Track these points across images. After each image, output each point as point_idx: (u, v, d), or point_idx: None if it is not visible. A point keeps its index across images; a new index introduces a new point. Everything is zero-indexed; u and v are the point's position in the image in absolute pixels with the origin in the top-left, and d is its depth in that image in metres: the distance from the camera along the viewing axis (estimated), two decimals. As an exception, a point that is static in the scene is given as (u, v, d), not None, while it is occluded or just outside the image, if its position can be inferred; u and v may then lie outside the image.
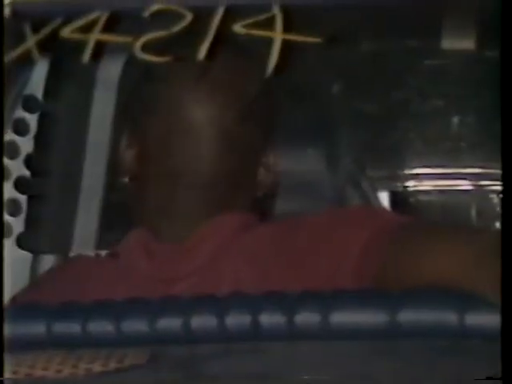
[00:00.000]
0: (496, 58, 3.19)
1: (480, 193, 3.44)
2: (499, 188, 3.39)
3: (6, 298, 2.26)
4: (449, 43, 3.25)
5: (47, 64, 2.88)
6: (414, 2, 2.22)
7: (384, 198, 3.31)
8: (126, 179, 2.49)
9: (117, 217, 2.93)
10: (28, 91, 2.94)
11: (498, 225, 3.37)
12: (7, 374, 1.85)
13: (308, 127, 3.05)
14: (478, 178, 3.43)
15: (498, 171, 3.34)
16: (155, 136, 2.43)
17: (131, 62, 2.72)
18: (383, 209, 3.05)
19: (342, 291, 2.09)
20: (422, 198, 3.45)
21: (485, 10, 2.77)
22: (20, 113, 2.95)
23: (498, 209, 3.39)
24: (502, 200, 2.11)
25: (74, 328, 1.99)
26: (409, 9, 2.35)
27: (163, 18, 1.90)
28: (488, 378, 1.66)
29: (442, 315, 1.91)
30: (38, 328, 1.99)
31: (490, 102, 3.39)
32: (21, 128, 2.97)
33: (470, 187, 3.41)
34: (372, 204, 3.04)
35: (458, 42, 3.30)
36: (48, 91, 2.99)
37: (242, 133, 2.44)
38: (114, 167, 2.84)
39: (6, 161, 2.94)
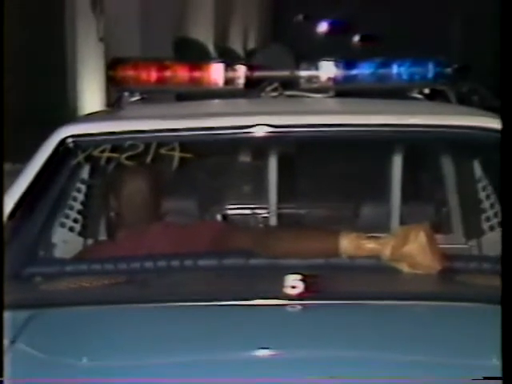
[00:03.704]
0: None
1: (252, 216, 3.65)
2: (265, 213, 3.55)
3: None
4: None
5: (89, 165, 3.05)
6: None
7: (219, 218, 3.62)
8: (114, 213, 2.92)
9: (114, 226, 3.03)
10: (81, 176, 3.15)
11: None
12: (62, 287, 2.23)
13: (189, 188, 3.54)
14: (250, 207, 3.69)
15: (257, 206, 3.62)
16: (122, 194, 2.84)
17: (118, 165, 2.62)
18: (220, 222, 3.54)
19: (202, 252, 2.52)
20: (233, 218, 3.65)
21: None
22: (78, 184, 3.20)
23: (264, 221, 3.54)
24: (502, 203, 2.03)
25: (96, 266, 2.39)
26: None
27: (133, 146, 2.52)
28: (486, 378, 1.49)
29: (237, 261, 2.37)
30: (82, 267, 2.44)
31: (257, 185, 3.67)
32: (78, 191, 3.22)
33: (249, 212, 3.68)
34: (217, 220, 3.57)
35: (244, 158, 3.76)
36: (90, 175, 3.19)
37: (156, 192, 2.88)
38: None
39: (72, 203, 3.17)
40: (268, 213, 3.52)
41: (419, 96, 2.90)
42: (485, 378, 1.54)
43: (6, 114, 2.62)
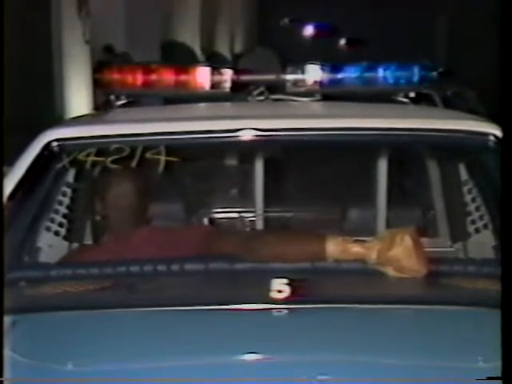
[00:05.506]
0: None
1: (238, 219, 3.67)
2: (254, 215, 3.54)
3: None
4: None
5: (74, 169, 3.08)
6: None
7: (206, 221, 3.66)
8: (99, 217, 2.92)
9: (99, 230, 3.17)
10: (67, 179, 3.17)
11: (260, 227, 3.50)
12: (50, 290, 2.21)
13: (176, 191, 3.53)
14: (236, 211, 3.71)
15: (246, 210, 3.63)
16: (107, 198, 2.82)
17: (104, 168, 2.69)
18: (207, 226, 3.55)
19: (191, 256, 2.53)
20: (220, 222, 3.70)
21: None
22: (64, 188, 3.20)
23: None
24: (502, 206, 1.97)
25: (81, 271, 2.38)
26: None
27: (119, 150, 2.51)
28: (489, 378, 1.49)
29: (224, 265, 2.36)
30: (67, 272, 2.40)
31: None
32: (64, 194, 3.23)
33: (236, 216, 3.67)
34: (203, 224, 3.60)
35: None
36: (75, 179, 3.22)
37: (142, 195, 2.84)
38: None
39: (58, 207, 3.17)
40: (254, 216, 3.53)
41: (405, 100, 2.91)
42: (488, 379, 1.55)
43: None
